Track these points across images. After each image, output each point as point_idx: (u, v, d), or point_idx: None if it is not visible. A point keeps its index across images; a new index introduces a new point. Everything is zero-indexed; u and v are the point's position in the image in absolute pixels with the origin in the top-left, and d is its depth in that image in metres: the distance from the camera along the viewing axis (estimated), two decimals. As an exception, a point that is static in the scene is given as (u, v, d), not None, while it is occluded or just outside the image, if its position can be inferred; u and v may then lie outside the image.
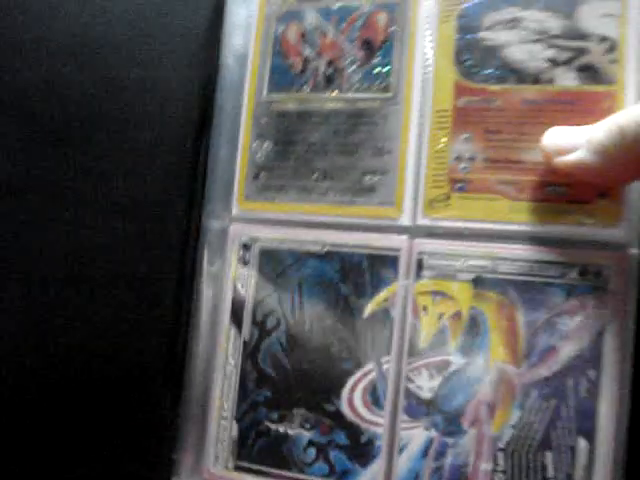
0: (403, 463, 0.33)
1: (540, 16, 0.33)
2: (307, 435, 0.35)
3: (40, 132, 0.39)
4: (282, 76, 0.37)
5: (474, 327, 0.33)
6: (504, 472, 0.31)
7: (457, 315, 0.33)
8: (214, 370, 0.37)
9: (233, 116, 0.38)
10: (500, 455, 0.31)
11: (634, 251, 0.31)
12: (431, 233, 0.34)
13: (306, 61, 0.37)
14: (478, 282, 0.33)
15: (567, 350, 0.31)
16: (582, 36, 0.32)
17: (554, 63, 0.33)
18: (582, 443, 0.30)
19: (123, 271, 0.37)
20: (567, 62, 0.33)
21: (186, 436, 0.37)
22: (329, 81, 0.36)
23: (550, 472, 0.31)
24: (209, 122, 0.38)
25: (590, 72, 0.32)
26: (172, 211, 0.37)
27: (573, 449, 0.30)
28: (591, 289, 0.31)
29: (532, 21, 0.33)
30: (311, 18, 0.37)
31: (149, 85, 0.38)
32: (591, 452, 0.30)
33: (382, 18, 0.36)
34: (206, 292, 0.37)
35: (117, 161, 0.38)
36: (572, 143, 0.30)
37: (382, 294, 0.34)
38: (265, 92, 0.37)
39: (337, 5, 0.37)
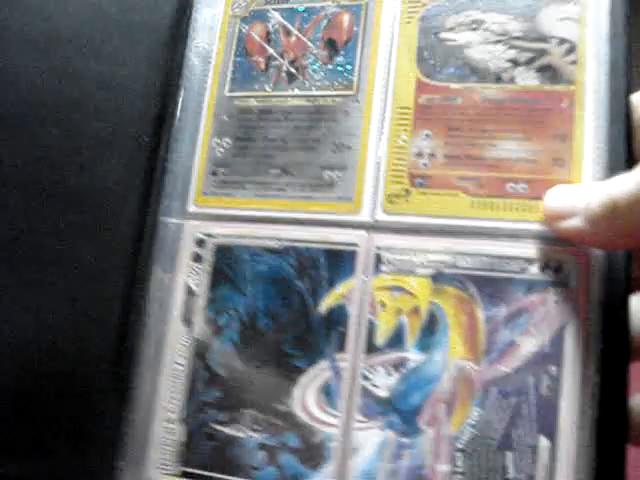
0: (357, 465, 0.31)
1: (501, 19, 0.34)
2: (257, 438, 0.33)
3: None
4: (245, 74, 0.37)
5: (433, 323, 0.31)
6: (463, 474, 0.30)
7: (416, 311, 0.32)
8: (161, 370, 0.35)
9: (195, 113, 0.37)
10: (459, 455, 0.30)
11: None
12: (390, 228, 0.33)
13: (269, 59, 0.37)
14: (437, 277, 0.32)
15: (528, 346, 0.30)
16: (542, 38, 0.33)
17: (515, 63, 0.33)
18: (543, 442, 0.29)
19: (71, 262, 0.35)
20: (528, 62, 0.33)
21: (130, 441, 0.34)
22: (291, 78, 0.36)
23: (511, 473, 0.29)
24: (170, 119, 0.37)
25: (550, 72, 0.32)
26: (126, 205, 0.35)
27: (534, 448, 0.29)
28: (552, 284, 0.30)
29: (493, 23, 0.34)
30: (276, 18, 0.37)
31: (107, 79, 0.37)
32: (552, 451, 0.29)
33: (346, 19, 0.36)
34: (156, 290, 0.36)
35: (70, 152, 0.36)
36: (570, 208, 0.30)
37: (339, 290, 0.33)
38: (227, 89, 0.37)
39: (303, 7, 0.37)
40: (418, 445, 0.31)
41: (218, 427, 0.33)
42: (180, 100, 0.37)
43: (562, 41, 0.33)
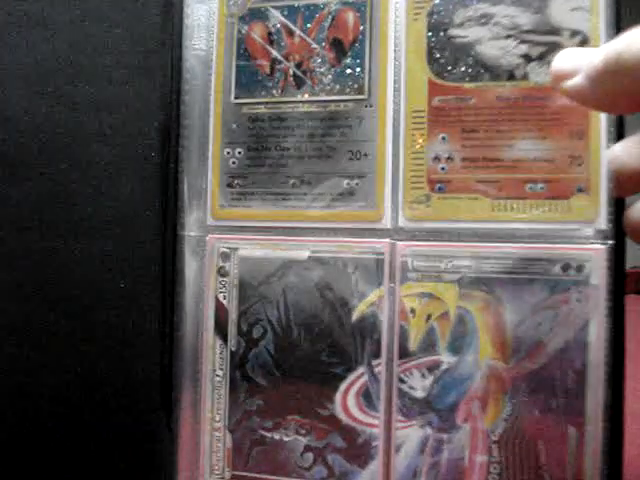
0: (401, 461, 0.34)
1: (510, 11, 0.33)
2: (303, 441, 0.35)
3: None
4: (250, 78, 0.36)
5: (462, 326, 0.33)
6: (499, 463, 0.33)
7: (445, 315, 0.33)
8: (201, 383, 0.36)
9: (201, 122, 0.37)
10: (494, 447, 0.33)
11: (609, 243, 0.32)
12: (413, 235, 0.34)
13: (274, 62, 0.36)
14: (463, 282, 0.33)
15: (553, 343, 0.32)
16: (553, 31, 0.32)
17: (527, 59, 0.33)
18: (572, 431, 0.32)
19: (104, 291, 0.36)
20: (540, 57, 0.33)
21: (179, 451, 0.37)
22: (300, 83, 0.35)
23: (542, 460, 0.32)
24: (175, 129, 0.36)
25: (563, 67, 0.32)
26: (145, 226, 0.36)
27: (563, 437, 0.32)
28: (574, 283, 0.32)
29: (503, 16, 0.33)
30: (276, 17, 0.36)
31: (103, 100, 0.36)
32: (580, 439, 0.32)
33: (351, 17, 0.35)
34: (188, 304, 0.37)
35: (82, 182, 0.36)
36: (575, 67, 0.29)
37: (368, 298, 0.34)
38: (233, 96, 0.36)
39: (302, 3, 0.36)
40: (456, 440, 0.33)
41: (264, 433, 0.35)
42: (183, 108, 0.37)
43: (574, 33, 0.32)
